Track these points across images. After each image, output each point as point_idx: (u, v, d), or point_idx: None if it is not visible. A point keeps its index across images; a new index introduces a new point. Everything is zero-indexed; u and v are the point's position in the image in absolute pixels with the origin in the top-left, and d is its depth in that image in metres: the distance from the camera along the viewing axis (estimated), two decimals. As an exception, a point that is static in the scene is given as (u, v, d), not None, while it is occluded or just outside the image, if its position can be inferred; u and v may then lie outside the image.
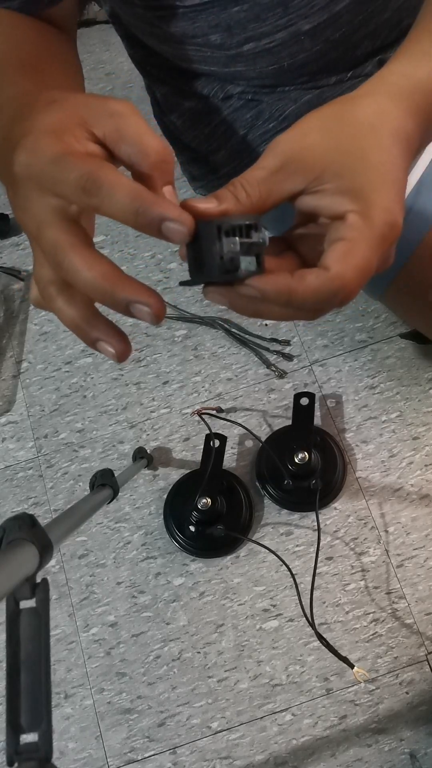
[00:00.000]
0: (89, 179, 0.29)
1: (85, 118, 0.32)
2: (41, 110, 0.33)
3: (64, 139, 0.31)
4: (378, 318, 1.06)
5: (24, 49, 0.49)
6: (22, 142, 0.31)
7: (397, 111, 0.36)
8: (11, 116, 0.36)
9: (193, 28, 0.56)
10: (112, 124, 0.32)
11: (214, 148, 0.72)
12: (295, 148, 0.34)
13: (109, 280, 0.31)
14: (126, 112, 0.32)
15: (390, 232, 0.33)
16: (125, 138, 0.31)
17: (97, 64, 1.29)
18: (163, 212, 0.29)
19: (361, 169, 0.33)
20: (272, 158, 0.34)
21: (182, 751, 0.89)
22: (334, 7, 0.54)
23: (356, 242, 0.33)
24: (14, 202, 0.34)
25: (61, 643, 0.95)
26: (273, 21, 0.54)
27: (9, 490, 1.03)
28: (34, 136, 0.31)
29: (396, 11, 0.59)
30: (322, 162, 0.33)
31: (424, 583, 0.92)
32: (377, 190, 0.33)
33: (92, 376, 1.08)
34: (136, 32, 0.65)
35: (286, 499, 0.96)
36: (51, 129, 0.31)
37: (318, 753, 0.88)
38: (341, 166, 0.33)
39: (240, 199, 0.34)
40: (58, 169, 0.30)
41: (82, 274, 0.31)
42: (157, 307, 0.31)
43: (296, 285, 0.32)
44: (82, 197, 0.30)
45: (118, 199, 0.29)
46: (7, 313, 1.14)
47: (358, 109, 0.36)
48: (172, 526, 0.96)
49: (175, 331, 1.09)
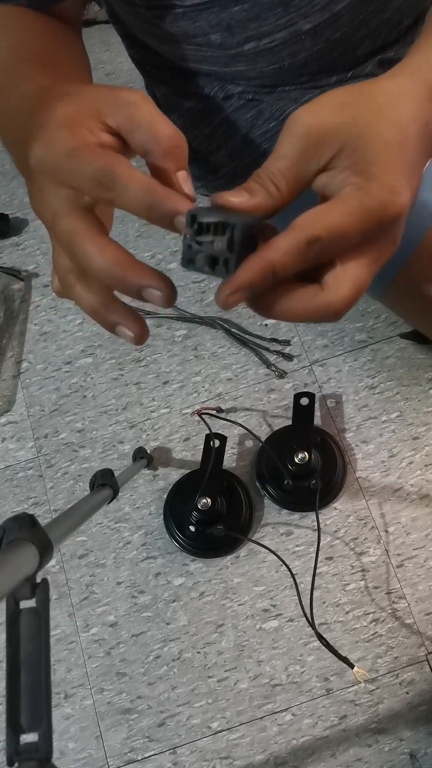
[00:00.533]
0: (104, 173, 0.30)
1: (99, 109, 0.32)
2: (56, 103, 0.33)
3: (77, 132, 0.31)
4: (378, 318, 1.05)
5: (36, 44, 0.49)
6: (37, 135, 0.32)
7: (418, 93, 0.35)
8: (31, 108, 0.36)
9: (193, 28, 0.56)
10: (125, 114, 0.32)
11: (214, 148, 0.72)
12: (313, 127, 0.33)
13: (122, 266, 0.31)
14: (138, 101, 0.32)
15: (384, 210, 0.32)
16: (138, 126, 0.32)
17: (97, 64, 1.29)
18: (176, 206, 0.30)
19: (372, 145, 0.33)
20: (293, 141, 0.33)
21: (182, 751, 0.89)
22: (335, 7, 0.54)
23: (335, 204, 0.32)
24: (31, 193, 0.34)
25: (61, 643, 0.95)
26: (273, 20, 0.54)
27: (9, 490, 1.03)
28: (48, 129, 0.32)
29: (396, 11, 0.59)
30: (339, 139, 0.33)
31: (424, 583, 0.92)
32: (381, 167, 0.32)
33: (92, 376, 1.08)
34: (136, 32, 0.65)
35: (286, 499, 0.96)
36: (65, 121, 0.32)
37: (318, 753, 0.88)
38: (355, 143, 0.33)
39: (271, 192, 0.33)
40: (72, 162, 0.30)
41: (95, 261, 0.31)
42: (168, 291, 0.32)
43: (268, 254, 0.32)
44: (98, 191, 0.30)
45: (133, 193, 0.30)
46: (7, 313, 1.13)
47: (377, 89, 0.35)
48: (172, 526, 0.96)
49: (175, 331, 1.09)
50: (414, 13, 0.62)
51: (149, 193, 0.30)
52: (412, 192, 0.34)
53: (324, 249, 0.32)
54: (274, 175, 0.34)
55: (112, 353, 1.09)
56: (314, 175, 0.34)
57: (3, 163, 1.25)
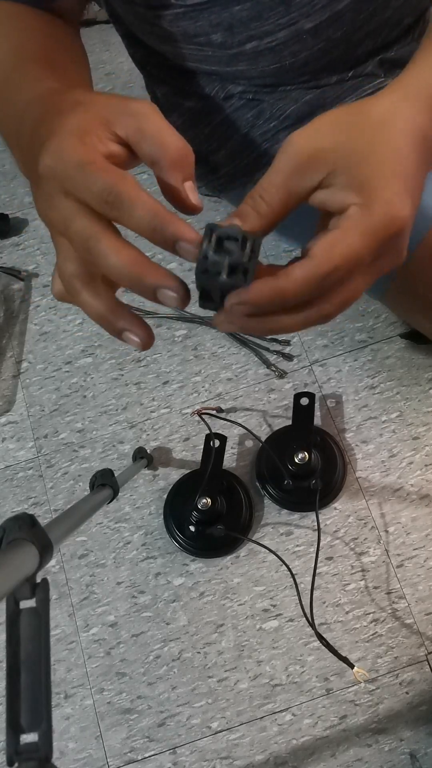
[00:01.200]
0: (111, 193, 0.30)
1: (108, 119, 0.33)
2: (67, 112, 0.33)
3: (87, 142, 0.32)
4: (378, 318, 1.05)
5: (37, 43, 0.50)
6: (47, 144, 0.32)
7: (411, 108, 0.36)
8: (40, 113, 0.37)
9: (194, 28, 0.56)
10: (134, 124, 0.33)
11: (214, 148, 0.72)
12: (308, 146, 0.34)
13: (138, 266, 0.32)
14: (147, 112, 0.33)
15: (390, 225, 0.33)
16: (146, 137, 0.32)
17: (97, 64, 1.29)
18: (178, 233, 0.31)
19: (369, 162, 0.33)
20: (286, 159, 0.34)
21: (182, 751, 0.89)
22: (336, 6, 0.54)
23: (346, 230, 0.33)
24: (38, 198, 0.35)
25: (61, 643, 0.95)
26: (275, 20, 0.54)
27: (9, 490, 1.03)
28: (58, 138, 0.32)
29: (397, 10, 0.59)
30: (333, 157, 0.34)
31: (424, 583, 0.92)
32: (381, 183, 0.33)
33: (92, 376, 1.08)
34: (136, 32, 0.65)
35: (286, 499, 0.96)
36: (75, 131, 0.32)
37: (318, 753, 0.88)
38: (350, 160, 0.33)
39: (260, 211, 0.34)
40: (81, 177, 0.31)
41: (111, 260, 0.32)
42: (183, 292, 0.32)
43: (284, 283, 0.32)
44: (104, 209, 0.31)
45: (138, 215, 0.31)
46: (7, 313, 1.13)
47: (371, 108, 0.36)
48: (172, 526, 0.96)
49: (175, 331, 1.09)
50: (415, 12, 0.62)
51: (155, 217, 0.31)
52: (413, 204, 0.34)
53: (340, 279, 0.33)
54: (266, 191, 0.34)
55: (112, 353, 1.09)
56: (308, 192, 0.35)
57: (3, 163, 1.25)
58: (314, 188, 0.34)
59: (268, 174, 0.35)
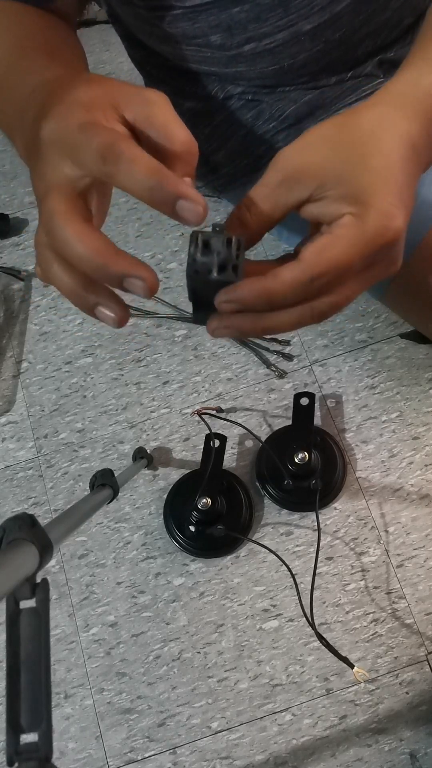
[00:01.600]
0: (109, 147, 0.30)
1: (118, 100, 0.33)
2: (77, 85, 0.33)
3: (93, 113, 0.31)
4: (378, 318, 1.06)
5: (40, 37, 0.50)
6: (53, 110, 0.32)
7: (400, 117, 0.36)
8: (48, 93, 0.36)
9: (193, 29, 0.56)
10: (143, 110, 0.32)
11: (214, 148, 0.72)
12: (297, 160, 0.34)
13: (102, 255, 0.30)
14: (158, 101, 0.33)
15: (383, 234, 0.33)
16: (154, 124, 0.32)
17: (97, 64, 1.29)
18: (178, 191, 0.30)
19: (361, 173, 0.34)
20: (275, 173, 0.35)
21: (182, 751, 0.89)
22: (335, 8, 0.55)
23: (338, 237, 0.33)
24: (33, 170, 0.34)
25: (61, 643, 0.95)
26: (273, 21, 0.54)
27: (9, 490, 1.03)
28: (65, 105, 0.32)
29: (396, 11, 0.59)
30: (323, 170, 0.34)
31: (424, 583, 0.92)
32: (375, 193, 0.33)
33: (92, 376, 1.08)
34: (136, 32, 0.65)
35: (286, 499, 0.96)
36: (83, 102, 0.32)
37: (318, 753, 0.88)
38: (341, 172, 0.34)
39: (245, 221, 0.35)
40: (82, 135, 0.30)
41: (75, 247, 0.31)
42: (151, 280, 0.31)
43: (271, 283, 0.33)
44: (100, 165, 0.30)
45: (136, 172, 0.29)
46: (7, 313, 1.14)
47: (360, 119, 0.36)
48: (172, 526, 0.96)
49: (175, 331, 1.09)
50: (414, 13, 0.62)
51: (154, 174, 0.29)
52: (406, 212, 0.34)
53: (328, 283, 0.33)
54: (253, 202, 0.35)
55: (112, 353, 1.09)
56: (294, 205, 0.35)
57: (3, 163, 1.25)
58: (302, 202, 0.35)
59: (256, 186, 0.35)
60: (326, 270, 0.32)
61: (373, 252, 0.33)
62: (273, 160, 0.35)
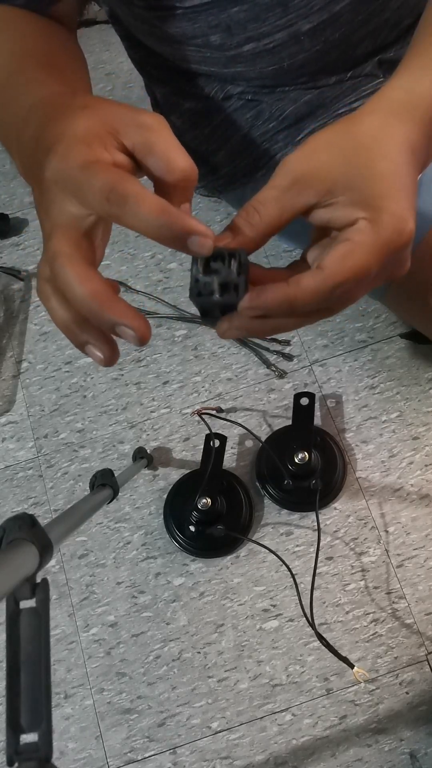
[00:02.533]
0: (113, 189, 0.30)
1: (116, 128, 0.33)
2: (75, 115, 0.33)
3: (94, 147, 0.32)
4: (378, 318, 1.06)
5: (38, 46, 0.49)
6: (54, 147, 0.32)
7: (400, 124, 0.37)
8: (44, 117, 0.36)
9: (192, 29, 0.56)
10: (142, 137, 0.32)
11: (214, 149, 0.72)
12: (305, 165, 0.35)
13: (99, 300, 0.31)
14: (156, 126, 0.33)
15: (398, 238, 0.34)
16: (153, 152, 0.32)
17: (97, 64, 1.29)
18: (188, 227, 0.30)
19: (370, 178, 0.34)
20: (283, 176, 0.35)
21: (182, 751, 0.89)
22: (334, 7, 0.55)
23: (358, 245, 0.33)
24: (39, 203, 0.35)
25: (61, 643, 0.95)
26: (272, 21, 0.54)
27: (9, 490, 1.03)
28: (66, 142, 0.32)
29: (395, 11, 0.60)
30: (332, 176, 0.34)
31: (424, 583, 0.92)
32: (387, 198, 0.34)
33: (92, 376, 1.08)
34: (135, 33, 0.65)
35: (286, 499, 0.96)
36: (82, 136, 0.32)
37: (318, 753, 0.88)
38: (350, 178, 0.34)
39: (254, 223, 0.35)
40: (84, 175, 0.31)
41: (74, 289, 0.31)
42: (142, 331, 0.32)
43: (294, 291, 0.33)
44: (105, 206, 0.31)
45: (143, 213, 0.30)
46: (7, 313, 1.14)
47: (361, 126, 0.37)
48: (172, 526, 0.96)
49: (175, 331, 1.09)
50: (414, 13, 0.62)
51: (161, 214, 0.30)
52: (414, 215, 0.35)
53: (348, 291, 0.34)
54: (261, 203, 0.35)
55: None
56: (301, 210, 0.35)
57: (3, 163, 1.25)
58: (309, 207, 0.35)
59: (264, 189, 0.35)
60: (348, 278, 0.33)
61: (390, 256, 0.34)
62: (280, 165, 0.35)
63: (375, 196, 0.34)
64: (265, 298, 0.33)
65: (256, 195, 0.35)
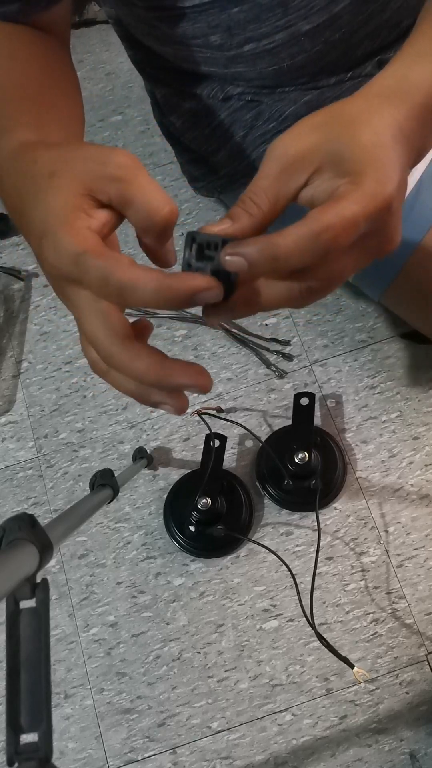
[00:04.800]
0: (108, 283, 0.31)
1: (89, 187, 0.33)
2: (46, 188, 0.33)
3: (78, 226, 0.32)
4: (378, 318, 1.06)
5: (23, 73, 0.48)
6: (44, 243, 0.33)
7: (389, 105, 0.36)
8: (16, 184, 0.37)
9: (192, 29, 0.56)
10: (116, 191, 0.32)
11: (213, 149, 0.72)
12: (292, 149, 0.35)
13: (155, 370, 0.33)
14: (128, 175, 0.32)
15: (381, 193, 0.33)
16: (131, 204, 0.33)
17: (97, 64, 1.29)
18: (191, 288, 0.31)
19: (351, 152, 0.34)
20: (271, 163, 0.35)
21: (182, 751, 0.89)
22: (334, 8, 0.55)
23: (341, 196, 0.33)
24: (54, 289, 0.36)
25: (61, 643, 0.95)
26: (273, 22, 0.54)
27: (9, 490, 1.03)
28: (52, 234, 0.32)
29: (395, 12, 0.60)
30: (318, 153, 0.34)
31: (424, 583, 0.92)
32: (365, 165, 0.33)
33: (92, 376, 1.08)
34: (135, 33, 0.65)
35: (286, 499, 0.96)
36: (63, 218, 0.32)
37: (318, 753, 0.88)
38: (334, 151, 0.34)
39: (252, 212, 0.35)
40: (77, 272, 0.31)
41: (128, 368, 0.33)
42: (204, 384, 0.33)
43: (276, 237, 0.32)
44: (107, 297, 0.32)
45: (141, 294, 0.31)
46: (7, 313, 1.14)
47: (345, 107, 0.37)
48: (172, 526, 0.96)
49: (175, 331, 1.09)
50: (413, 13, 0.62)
51: (159, 290, 0.30)
52: (399, 184, 0.34)
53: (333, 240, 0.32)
54: (256, 194, 0.35)
55: (112, 353, 1.09)
56: (296, 192, 0.35)
57: (3, 163, 1.25)
58: (301, 188, 0.35)
59: (255, 179, 0.35)
60: (334, 223, 0.32)
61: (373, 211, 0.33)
62: (267, 152, 0.35)
63: (356, 165, 0.33)
64: (246, 243, 0.32)
65: (250, 185, 0.35)
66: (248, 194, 0.35)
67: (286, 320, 1.07)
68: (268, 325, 1.07)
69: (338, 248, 0.32)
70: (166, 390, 0.34)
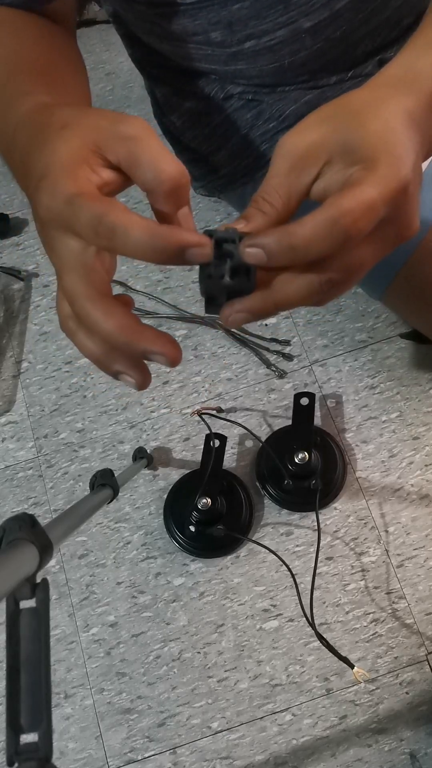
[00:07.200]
0: (101, 223, 0.30)
1: (98, 144, 0.32)
2: (55, 137, 0.33)
3: (78, 173, 0.31)
4: (378, 318, 1.06)
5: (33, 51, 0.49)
6: (41, 183, 0.32)
7: (396, 93, 0.36)
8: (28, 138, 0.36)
9: (193, 26, 0.56)
10: (126, 150, 0.32)
11: (214, 149, 0.72)
12: (300, 143, 0.34)
13: (126, 333, 0.32)
14: (139, 136, 0.32)
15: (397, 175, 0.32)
16: (139, 164, 0.32)
17: (97, 64, 1.29)
18: (182, 242, 0.30)
19: (361, 140, 0.33)
20: (281, 160, 0.34)
21: (182, 751, 0.89)
22: (335, 5, 0.55)
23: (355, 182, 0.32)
24: (41, 237, 0.35)
25: (61, 643, 0.95)
26: (274, 18, 0.54)
27: (9, 490, 1.03)
28: (51, 176, 0.32)
29: (396, 10, 0.60)
30: (327, 145, 0.34)
31: (424, 583, 0.92)
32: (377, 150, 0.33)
33: (92, 376, 1.08)
34: (136, 31, 0.65)
35: (286, 499, 0.96)
36: (66, 164, 0.32)
37: (318, 753, 0.88)
38: (345, 146, 0.33)
39: (266, 211, 0.34)
40: (70, 211, 0.30)
41: (100, 325, 0.32)
42: (173, 354, 0.33)
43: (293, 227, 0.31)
44: (96, 239, 0.30)
45: (133, 240, 0.30)
46: (7, 313, 1.14)
47: (355, 97, 0.36)
48: (172, 526, 0.96)
49: (175, 331, 1.09)
50: (414, 12, 0.62)
51: (152, 236, 0.29)
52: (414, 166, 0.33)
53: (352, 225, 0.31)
54: (268, 193, 0.34)
55: (112, 353, 1.09)
56: (308, 187, 0.34)
57: (3, 163, 1.25)
58: (312, 182, 0.34)
59: (266, 178, 0.35)
60: (350, 208, 0.30)
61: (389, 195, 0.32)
62: (276, 149, 0.35)
63: (367, 151, 0.32)
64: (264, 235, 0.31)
65: (262, 185, 0.35)
66: (260, 194, 0.34)
67: (286, 320, 1.07)
68: (268, 325, 1.07)
69: (357, 234, 0.31)
70: (133, 357, 0.33)
